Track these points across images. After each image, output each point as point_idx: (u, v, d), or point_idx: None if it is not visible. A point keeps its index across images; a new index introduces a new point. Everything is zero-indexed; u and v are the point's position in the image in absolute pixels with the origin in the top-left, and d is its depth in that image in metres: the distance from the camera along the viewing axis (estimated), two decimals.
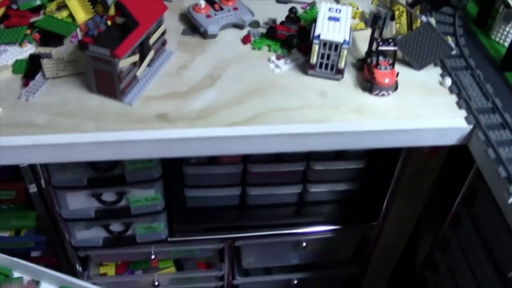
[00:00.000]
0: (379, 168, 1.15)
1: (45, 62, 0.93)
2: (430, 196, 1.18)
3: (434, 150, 1.06)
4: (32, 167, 1.00)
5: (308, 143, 0.90)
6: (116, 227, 1.16)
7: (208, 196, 1.16)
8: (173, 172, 1.11)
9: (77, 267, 1.23)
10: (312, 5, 1.12)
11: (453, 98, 0.94)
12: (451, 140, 0.93)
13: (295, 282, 1.34)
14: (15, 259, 1.07)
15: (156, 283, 1.28)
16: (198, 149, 0.88)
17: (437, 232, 1.16)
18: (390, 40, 0.94)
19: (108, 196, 1.10)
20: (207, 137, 0.86)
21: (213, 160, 1.11)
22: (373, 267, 1.32)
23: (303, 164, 1.13)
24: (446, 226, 1.12)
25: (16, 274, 1.08)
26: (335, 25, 0.94)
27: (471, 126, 0.90)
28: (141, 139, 0.85)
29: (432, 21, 0.96)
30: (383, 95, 0.93)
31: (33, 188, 1.05)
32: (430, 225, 1.26)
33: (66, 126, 0.85)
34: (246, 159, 1.11)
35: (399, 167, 1.09)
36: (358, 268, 1.35)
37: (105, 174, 1.05)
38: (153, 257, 1.21)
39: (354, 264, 1.35)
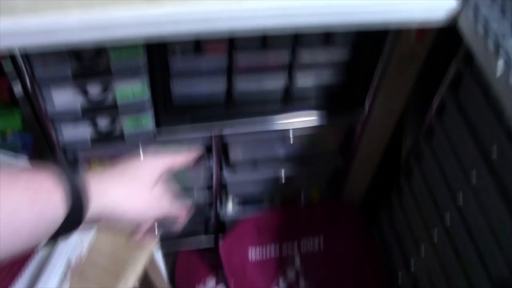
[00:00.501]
0: (366, 55, 1.13)
1: None
2: (416, 85, 1.19)
3: (421, 34, 1.06)
4: (14, 61, 0.97)
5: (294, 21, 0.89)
6: (103, 123, 1.14)
7: (195, 88, 1.15)
8: (158, 64, 1.09)
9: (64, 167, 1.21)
10: None
11: None
12: (438, 16, 0.92)
13: (283, 179, 1.35)
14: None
15: None
16: (186, 28, 0.86)
17: (422, 120, 1.17)
18: None
19: (94, 90, 1.07)
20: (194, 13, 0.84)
21: (198, 50, 1.09)
22: (359, 158, 1.33)
23: (289, 52, 1.11)
24: (432, 113, 1.14)
25: None
26: None
27: (460, 1, 0.90)
28: (128, 16, 0.83)
29: None
30: None
31: (16, 85, 1.03)
32: (416, 114, 1.27)
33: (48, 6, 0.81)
34: (232, 49, 1.09)
35: (386, 51, 1.09)
36: (344, 160, 1.36)
37: (89, 64, 1.02)
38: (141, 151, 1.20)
39: (339, 157, 1.37)
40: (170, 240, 1.52)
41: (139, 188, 0.68)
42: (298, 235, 1.42)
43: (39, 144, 1.16)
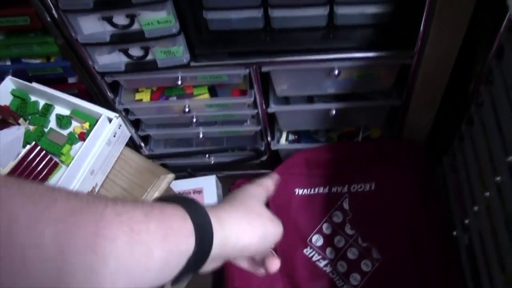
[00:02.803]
0: None
1: None
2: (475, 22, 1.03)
3: None
4: None
5: None
6: (135, 51, 1.13)
7: (229, 18, 1.08)
8: None
9: (108, 93, 1.24)
10: None
11: None
12: None
13: (333, 112, 1.27)
14: (31, 84, 1.10)
15: (187, 109, 1.26)
16: None
17: (482, 63, 1.03)
18: None
19: (120, 19, 1.06)
20: None
21: None
22: (416, 98, 1.21)
23: None
24: (491, 55, 0.99)
25: (32, 98, 1.11)
26: None
27: None
28: None
29: None
30: None
31: (43, 13, 1.04)
32: (476, 55, 1.12)
33: None
34: None
35: None
36: (400, 99, 1.25)
37: None
38: (179, 82, 1.19)
39: (395, 96, 1.25)
40: (228, 168, 1.51)
41: (254, 218, 0.66)
42: (350, 172, 1.34)
43: (78, 69, 1.18)
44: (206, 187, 1.47)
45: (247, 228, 0.63)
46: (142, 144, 1.44)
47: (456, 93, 1.23)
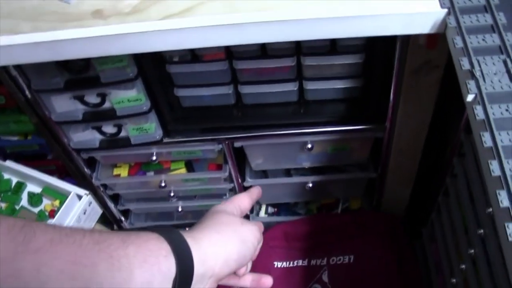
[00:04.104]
0: (381, 64, 1.02)
1: None
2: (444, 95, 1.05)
3: (432, 41, 0.92)
4: (7, 71, 1.00)
5: (250, 34, 0.81)
6: (108, 129, 1.15)
7: (200, 95, 1.10)
8: (154, 73, 1.06)
9: (85, 169, 1.24)
10: None
11: None
12: (423, 27, 0.79)
13: (310, 185, 1.27)
14: (5, 162, 1.11)
15: (163, 184, 1.27)
16: (132, 45, 0.83)
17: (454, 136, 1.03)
18: None
19: (91, 98, 1.08)
20: (138, 32, 0.80)
21: (196, 57, 1.04)
22: (392, 170, 1.21)
23: (293, 59, 1.03)
24: (461, 128, 1.00)
25: (6, 176, 1.12)
26: None
27: (445, 10, 0.76)
28: (73, 37, 0.82)
29: None
30: None
31: (16, 93, 1.06)
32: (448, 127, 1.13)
33: (2, 28, 0.83)
34: (231, 56, 1.03)
35: (397, 62, 0.96)
36: (375, 172, 1.25)
37: (80, 76, 1.03)
38: (154, 158, 1.20)
39: (372, 168, 1.26)
40: None
41: (224, 229, 0.68)
42: (328, 244, 1.33)
43: (53, 146, 1.19)
44: None
45: (220, 239, 0.65)
46: (122, 218, 1.44)
47: (434, 164, 1.23)
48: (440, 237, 1.17)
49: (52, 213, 1.05)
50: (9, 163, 1.10)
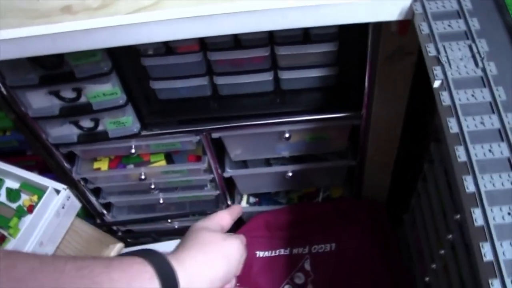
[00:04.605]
0: (355, 52, 1.02)
1: None
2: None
3: (403, 28, 0.92)
4: None
5: (219, 25, 0.81)
6: (85, 123, 1.15)
7: (175, 87, 1.10)
8: (129, 66, 1.06)
9: (64, 164, 1.24)
10: None
11: None
12: (391, 14, 0.80)
13: (290, 174, 1.28)
14: None
15: (143, 177, 1.27)
16: (101, 40, 0.83)
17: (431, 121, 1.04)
18: None
19: (67, 93, 1.08)
20: (107, 27, 0.80)
21: (170, 50, 1.04)
22: (370, 158, 1.22)
23: (267, 49, 1.03)
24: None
25: None
26: None
27: None
28: (42, 33, 0.81)
29: None
30: None
31: None
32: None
33: None
34: (205, 47, 1.04)
35: (370, 49, 0.97)
36: (355, 160, 1.25)
37: (54, 71, 1.03)
38: (133, 151, 1.20)
39: (350, 156, 1.26)
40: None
41: (208, 247, 0.68)
42: (310, 233, 1.33)
43: (32, 142, 1.19)
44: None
45: (205, 259, 0.65)
46: (105, 212, 1.44)
47: (412, 150, 1.24)
48: (420, 223, 1.18)
49: (31, 208, 1.05)
50: None
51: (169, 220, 1.47)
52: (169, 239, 1.51)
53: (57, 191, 1.06)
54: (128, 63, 1.05)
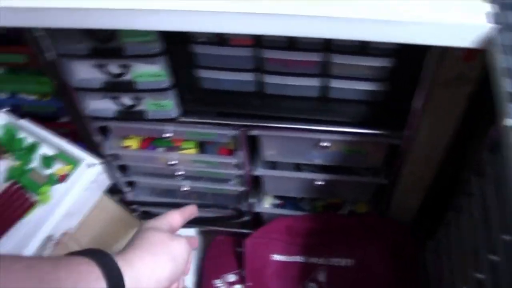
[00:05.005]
0: (409, 70, 1.00)
1: None
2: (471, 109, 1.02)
3: (471, 54, 0.90)
4: (35, 35, 0.99)
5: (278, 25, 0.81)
6: (125, 100, 1.14)
7: (221, 79, 1.09)
8: (179, 51, 1.05)
9: (96, 137, 1.23)
10: None
11: None
12: (464, 40, 0.77)
13: (319, 182, 1.26)
14: (22, 121, 1.10)
15: (172, 162, 1.26)
16: (161, 22, 0.82)
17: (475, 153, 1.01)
18: None
19: (113, 68, 1.07)
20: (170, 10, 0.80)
21: (223, 41, 1.02)
22: (404, 179, 1.20)
23: (320, 55, 1.01)
24: (485, 148, 0.98)
25: (21, 135, 1.11)
26: None
27: (490, 25, 0.74)
28: (102, 7, 0.81)
29: None
30: None
31: (40, 54, 1.05)
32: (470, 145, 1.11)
33: None
34: (259, 44, 1.02)
35: (428, 71, 0.95)
36: (387, 178, 1.23)
37: (105, 45, 1.02)
38: (168, 135, 1.19)
39: (383, 174, 1.24)
40: (209, 224, 1.50)
41: (155, 247, 0.68)
42: (329, 244, 1.32)
43: (69, 111, 1.18)
44: None
45: (151, 259, 0.66)
46: (127, 189, 1.43)
47: (447, 177, 1.22)
48: (445, 253, 1.16)
49: (63, 178, 1.04)
50: (24, 122, 1.09)
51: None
52: (184, 226, 1.50)
53: (91, 165, 1.05)
54: (178, 47, 1.04)
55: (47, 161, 1.06)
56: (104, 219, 1.09)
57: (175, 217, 0.80)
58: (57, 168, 1.07)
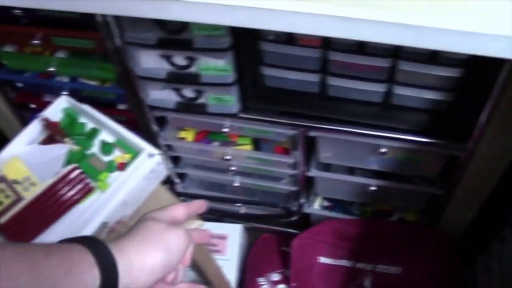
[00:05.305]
0: (479, 83, 0.98)
1: None
2: None
3: None
4: (106, 21, 1.00)
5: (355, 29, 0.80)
6: (187, 92, 1.14)
7: (285, 78, 1.08)
8: (247, 48, 1.05)
9: (153, 126, 1.24)
10: None
11: None
12: None
13: (373, 188, 1.25)
14: (83, 106, 1.11)
15: (227, 157, 1.26)
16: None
17: None
18: None
19: (179, 59, 1.07)
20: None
21: (291, 40, 1.02)
22: (461, 191, 1.18)
23: (388, 61, 1.00)
24: None
25: (81, 120, 1.12)
26: None
27: None
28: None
29: None
30: None
31: (109, 42, 1.06)
32: None
33: None
34: (327, 46, 1.01)
35: (500, 85, 0.93)
36: (442, 189, 1.22)
37: (174, 36, 1.02)
38: (226, 130, 1.19)
39: (438, 184, 1.22)
40: (255, 221, 1.50)
41: (150, 236, 0.68)
42: (377, 252, 1.31)
43: (130, 98, 1.19)
44: (231, 235, 1.45)
45: (145, 248, 0.65)
46: (178, 181, 1.44)
47: (506, 193, 1.19)
48: (497, 270, 1.14)
49: (121, 166, 1.04)
50: (87, 108, 1.10)
51: (236, 204, 1.46)
52: (230, 221, 1.51)
53: (151, 155, 1.05)
54: (246, 44, 1.04)
55: (107, 148, 1.07)
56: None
57: (179, 209, 0.77)
58: (116, 155, 1.07)
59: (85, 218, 1.02)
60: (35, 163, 1.06)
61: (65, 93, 1.23)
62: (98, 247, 0.60)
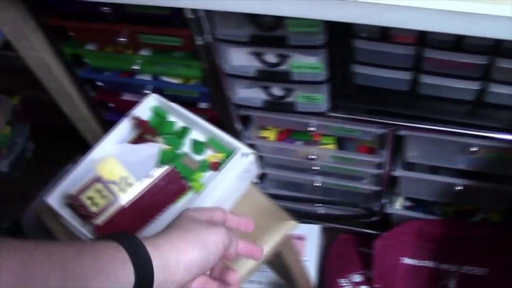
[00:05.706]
0: None
1: None
2: None
3: None
4: (197, 16, 1.01)
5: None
6: (276, 91, 1.14)
7: (376, 75, 1.07)
8: (340, 45, 1.04)
9: (237, 125, 1.24)
10: None
11: None
12: None
13: (459, 188, 1.23)
14: (172, 104, 1.11)
15: (312, 157, 1.25)
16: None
17: None
18: None
19: (270, 57, 1.07)
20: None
21: (385, 37, 1.01)
22: None
23: (484, 58, 0.98)
24: None
25: (170, 118, 1.12)
26: None
27: None
28: None
29: None
30: None
31: (198, 39, 1.06)
32: None
33: None
34: (422, 42, 1.00)
35: None
36: None
37: (267, 33, 1.02)
38: (312, 128, 1.18)
39: None
40: (333, 221, 1.49)
41: (186, 234, 0.67)
42: (462, 252, 1.29)
43: (215, 97, 1.19)
44: (310, 236, 1.45)
45: (181, 245, 0.64)
46: (258, 181, 1.44)
47: None
48: None
49: (215, 165, 1.04)
50: (176, 106, 1.10)
51: (315, 204, 1.45)
52: (307, 222, 1.50)
53: (245, 155, 1.05)
54: (339, 41, 1.03)
55: (199, 147, 1.07)
56: (251, 210, 1.08)
57: (218, 213, 0.77)
58: (208, 155, 1.08)
59: None
60: (128, 162, 1.06)
61: (147, 91, 1.24)
62: (133, 244, 0.60)
